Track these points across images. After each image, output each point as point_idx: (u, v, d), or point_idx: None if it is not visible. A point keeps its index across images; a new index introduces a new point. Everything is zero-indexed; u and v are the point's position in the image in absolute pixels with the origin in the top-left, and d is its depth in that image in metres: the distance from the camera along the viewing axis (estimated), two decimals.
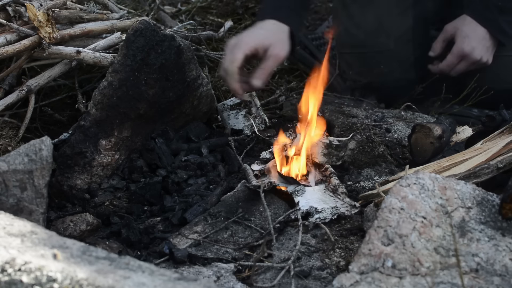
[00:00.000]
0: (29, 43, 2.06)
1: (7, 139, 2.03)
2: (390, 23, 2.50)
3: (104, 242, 1.76)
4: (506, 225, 1.52)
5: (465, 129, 2.20)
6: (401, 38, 2.52)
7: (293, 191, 1.88)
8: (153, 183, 1.97)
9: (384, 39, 2.53)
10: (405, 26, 2.52)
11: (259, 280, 1.59)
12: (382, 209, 1.51)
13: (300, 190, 1.88)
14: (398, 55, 2.53)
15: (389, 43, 2.53)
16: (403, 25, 2.52)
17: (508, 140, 1.77)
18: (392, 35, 2.52)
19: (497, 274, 1.42)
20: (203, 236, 1.76)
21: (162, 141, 2.12)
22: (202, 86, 2.24)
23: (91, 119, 2.00)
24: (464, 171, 1.71)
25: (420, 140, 1.98)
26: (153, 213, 1.92)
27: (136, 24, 2.02)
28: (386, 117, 2.32)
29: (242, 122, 2.36)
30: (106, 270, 1.16)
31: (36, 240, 1.26)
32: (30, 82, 2.13)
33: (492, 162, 1.71)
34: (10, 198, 1.62)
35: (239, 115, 2.38)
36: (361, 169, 2.07)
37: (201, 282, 1.19)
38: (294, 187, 1.90)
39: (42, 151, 1.68)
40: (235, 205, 1.86)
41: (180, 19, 3.23)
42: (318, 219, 1.77)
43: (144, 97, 2.06)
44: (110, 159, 2.04)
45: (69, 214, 1.86)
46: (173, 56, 2.08)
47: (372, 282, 1.40)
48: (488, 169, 1.71)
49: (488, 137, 1.90)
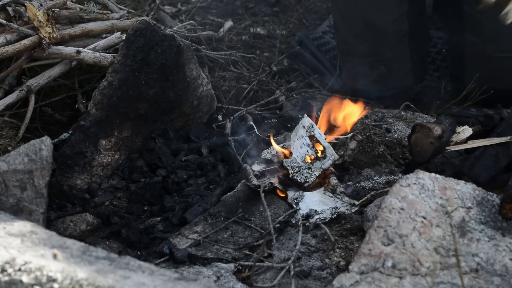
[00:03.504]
0: (29, 43, 2.05)
1: (7, 139, 2.03)
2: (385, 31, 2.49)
3: (104, 242, 1.76)
4: (506, 225, 1.52)
5: (465, 129, 2.20)
6: (398, 46, 2.51)
7: (293, 198, 1.87)
8: (153, 183, 1.97)
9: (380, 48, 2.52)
10: (401, 33, 2.50)
11: (259, 280, 1.59)
12: (382, 209, 1.52)
13: (300, 197, 1.88)
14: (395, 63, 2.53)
15: (386, 52, 2.52)
16: (399, 33, 2.50)
17: None
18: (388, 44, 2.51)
19: (497, 274, 1.42)
20: (203, 236, 1.76)
21: (162, 141, 2.12)
22: (202, 86, 2.24)
23: (91, 119, 2.00)
24: None
25: (420, 140, 1.98)
26: (153, 213, 1.92)
27: (136, 24, 2.02)
28: (386, 117, 2.32)
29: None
30: (106, 270, 1.16)
31: (36, 240, 1.27)
32: (30, 82, 2.13)
33: None
34: (10, 198, 1.62)
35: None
36: (361, 169, 2.07)
37: (201, 282, 1.19)
38: (294, 194, 1.89)
39: (42, 151, 1.68)
40: (235, 205, 1.86)
41: (180, 19, 3.22)
42: (318, 219, 1.77)
43: (144, 97, 2.06)
44: (110, 159, 2.04)
45: (69, 214, 1.86)
46: (173, 56, 2.08)
47: (372, 282, 1.40)
48: None
49: None
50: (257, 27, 3.25)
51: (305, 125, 2.00)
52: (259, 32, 3.21)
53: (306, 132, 1.98)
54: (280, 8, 3.43)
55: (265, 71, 2.79)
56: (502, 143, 1.87)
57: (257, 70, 2.77)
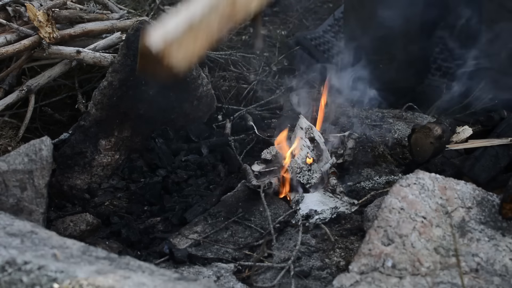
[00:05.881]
0: (29, 43, 2.06)
1: (7, 139, 2.03)
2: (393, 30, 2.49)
3: (104, 242, 1.76)
4: (506, 225, 1.52)
5: (465, 129, 2.20)
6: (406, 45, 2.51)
7: (294, 200, 1.87)
8: (153, 183, 1.97)
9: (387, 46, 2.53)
10: (411, 55, 2.51)
11: (259, 280, 1.59)
12: (382, 209, 1.52)
13: (301, 198, 1.88)
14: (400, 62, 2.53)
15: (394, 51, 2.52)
16: (409, 54, 2.50)
17: None
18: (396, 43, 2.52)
19: (497, 274, 1.42)
20: (203, 236, 1.76)
21: (162, 141, 2.12)
22: (202, 86, 2.24)
23: (91, 119, 2.01)
24: None
25: (420, 140, 1.98)
26: (153, 213, 1.92)
27: (136, 24, 2.02)
28: (386, 117, 2.32)
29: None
30: (106, 270, 1.16)
31: (36, 240, 1.27)
32: (30, 82, 2.13)
33: None
34: (10, 198, 1.62)
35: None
36: (361, 169, 2.07)
37: (201, 282, 1.19)
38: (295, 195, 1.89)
39: (42, 151, 1.68)
40: (235, 205, 1.86)
41: None
42: (318, 220, 1.77)
43: (144, 97, 2.06)
44: (110, 159, 2.04)
45: (69, 214, 1.86)
46: None
47: (372, 282, 1.40)
48: None
49: None
50: None
51: (303, 127, 2.00)
52: None
53: (305, 133, 1.98)
54: (280, 8, 3.44)
55: (265, 71, 2.79)
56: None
57: (257, 70, 2.77)
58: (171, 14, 1.52)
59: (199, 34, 1.59)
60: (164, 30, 1.47)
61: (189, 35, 1.55)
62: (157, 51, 1.44)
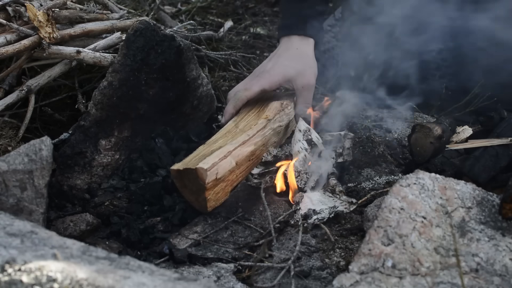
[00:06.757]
0: (29, 43, 2.05)
1: (7, 139, 2.03)
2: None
3: (104, 242, 1.76)
4: (506, 225, 1.52)
5: (465, 129, 2.20)
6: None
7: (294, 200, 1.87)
8: (153, 183, 1.97)
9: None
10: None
11: (259, 280, 1.59)
12: (382, 209, 1.52)
13: (300, 198, 1.87)
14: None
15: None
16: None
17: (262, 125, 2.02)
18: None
19: (497, 274, 1.42)
20: (203, 236, 1.76)
21: (162, 141, 2.12)
22: (202, 86, 2.24)
23: (91, 119, 2.00)
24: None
25: (420, 140, 1.98)
26: (153, 213, 1.92)
27: (136, 24, 2.02)
28: (386, 117, 2.32)
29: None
30: (106, 270, 1.16)
31: (36, 240, 1.27)
32: (30, 82, 2.13)
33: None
34: (10, 198, 1.62)
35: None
36: (361, 169, 2.07)
37: (201, 282, 1.19)
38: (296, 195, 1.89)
39: (42, 151, 1.68)
40: (235, 204, 1.86)
41: (180, 19, 3.23)
42: (317, 220, 1.77)
43: (144, 97, 2.06)
44: (110, 159, 2.04)
45: (69, 214, 1.86)
46: (173, 56, 2.08)
47: (372, 282, 1.40)
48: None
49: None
50: (257, 27, 3.25)
51: (301, 129, 1.99)
52: (259, 32, 3.21)
53: (303, 136, 1.98)
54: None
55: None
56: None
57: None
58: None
59: (237, 178, 1.89)
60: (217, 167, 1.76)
61: (231, 177, 1.84)
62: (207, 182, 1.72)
